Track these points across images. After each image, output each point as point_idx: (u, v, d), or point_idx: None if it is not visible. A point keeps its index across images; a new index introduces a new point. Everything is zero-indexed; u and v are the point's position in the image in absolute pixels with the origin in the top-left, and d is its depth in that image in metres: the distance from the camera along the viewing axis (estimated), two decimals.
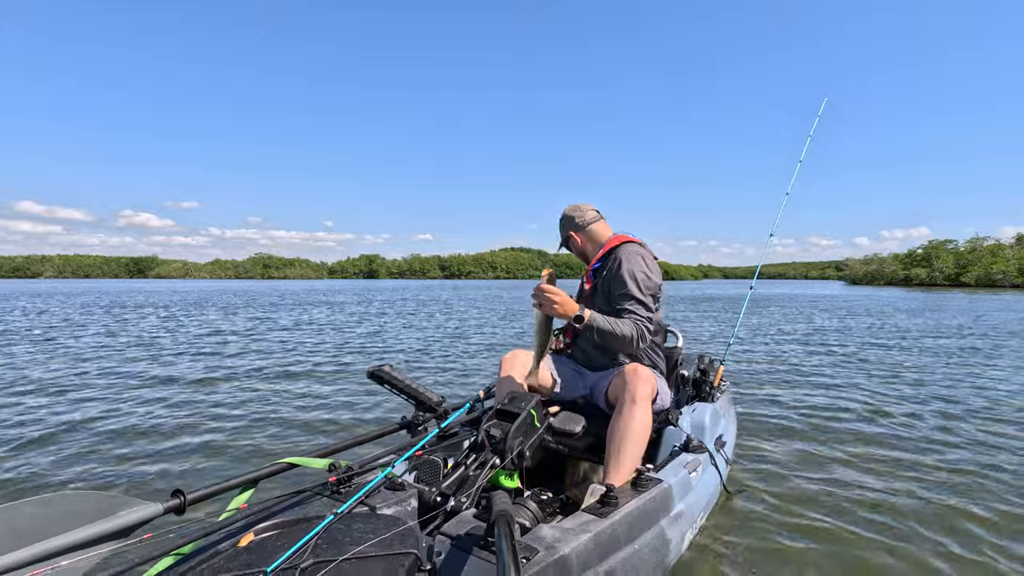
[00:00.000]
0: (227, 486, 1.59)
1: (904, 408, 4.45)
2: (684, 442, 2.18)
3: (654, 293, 2.16)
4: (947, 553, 2.15)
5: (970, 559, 2.11)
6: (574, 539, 1.43)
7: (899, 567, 2.04)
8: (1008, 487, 2.80)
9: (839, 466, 3.05)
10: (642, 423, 1.91)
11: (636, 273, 2.10)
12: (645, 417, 1.93)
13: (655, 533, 1.70)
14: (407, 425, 2.29)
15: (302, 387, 5.21)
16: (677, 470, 1.97)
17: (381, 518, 1.53)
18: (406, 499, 1.71)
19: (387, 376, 2.26)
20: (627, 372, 2.01)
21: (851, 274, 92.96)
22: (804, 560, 2.08)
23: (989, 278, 63.82)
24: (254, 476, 1.67)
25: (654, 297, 2.16)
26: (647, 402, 1.96)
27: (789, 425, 3.94)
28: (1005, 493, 2.73)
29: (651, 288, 2.13)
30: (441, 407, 2.35)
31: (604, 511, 1.60)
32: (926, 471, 3.02)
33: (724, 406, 2.77)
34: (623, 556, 1.55)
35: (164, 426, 3.65)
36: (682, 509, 1.88)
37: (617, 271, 2.13)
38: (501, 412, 1.84)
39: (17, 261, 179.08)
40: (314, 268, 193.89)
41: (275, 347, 8.33)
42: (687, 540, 1.94)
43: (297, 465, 1.77)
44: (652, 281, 2.14)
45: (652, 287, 2.14)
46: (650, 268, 2.17)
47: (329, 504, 1.62)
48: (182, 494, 1.47)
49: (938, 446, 3.48)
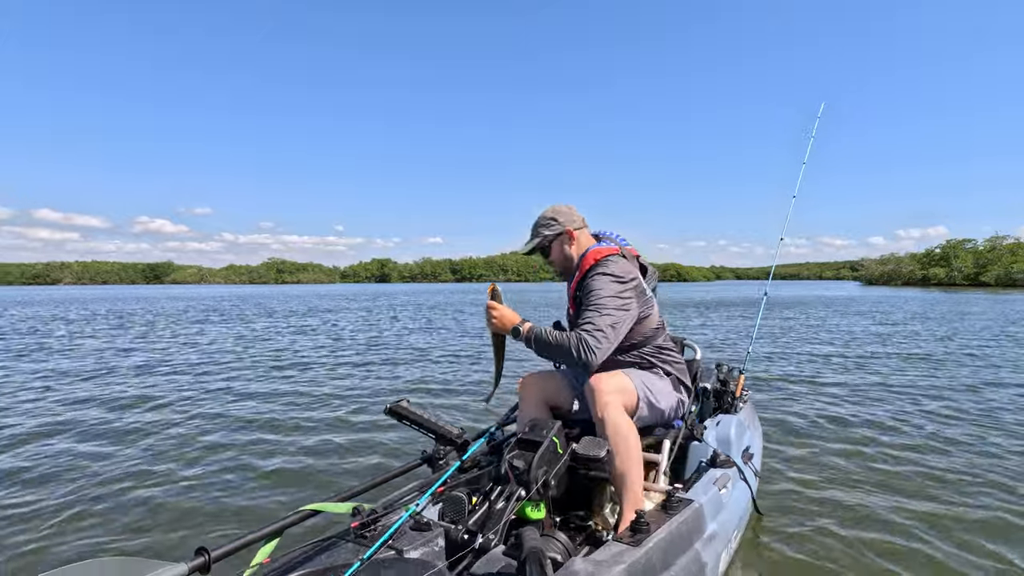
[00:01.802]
0: (251, 539, 1.57)
1: (939, 418, 4.32)
2: (711, 457, 2.13)
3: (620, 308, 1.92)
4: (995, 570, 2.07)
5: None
6: (608, 572, 1.39)
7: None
8: None
9: (869, 477, 2.97)
10: (620, 433, 1.83)
11: (604, 289, 1.91)
12: (621, 426, 1.84)
13: (690, 557, 1.65)
14: (428, 460, 2.26)
15: (328, 423, 5.16)
16: (707, 488, 1.92)
17: (409, 562, 1.50)
18: (432, 539, 1.68)
19: (405, 412, 2.23)
20: (587, 389, 1.93)
21: (867, 274, 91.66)
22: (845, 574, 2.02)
23: (1010, 277, 62.51)
24: (277, 527, 1.64)
25: (624, 308, 1.93)
26: (616, 408, 1.87)
27: (815, 433, 3.87)
28: None
29: (614, 303, 1.90)
30: (461, 439, 2.31)
31: (637, 539, 1.56)
32: (964, 482, 2.92)
33: (748, 417, 2.70)
34: None
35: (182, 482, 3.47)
36: (715, 529, 1.83)
37: (590, 289, 1.95)
38: (523, 442, 1.80)
39: (37, 268, 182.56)
40: (327, 272, 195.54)
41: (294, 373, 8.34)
42: (723, 562, 1.87)
43: (320, 511, 1.75)
44: (611, 293, 1.92)
45: (614, 301, 1.91)
46: (614, 286, 1.94)
47: (354, 550, 1.60)
48: (206, 552, 1.45)
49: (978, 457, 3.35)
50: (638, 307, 2.01)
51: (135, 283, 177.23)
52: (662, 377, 2.15)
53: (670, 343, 2.26)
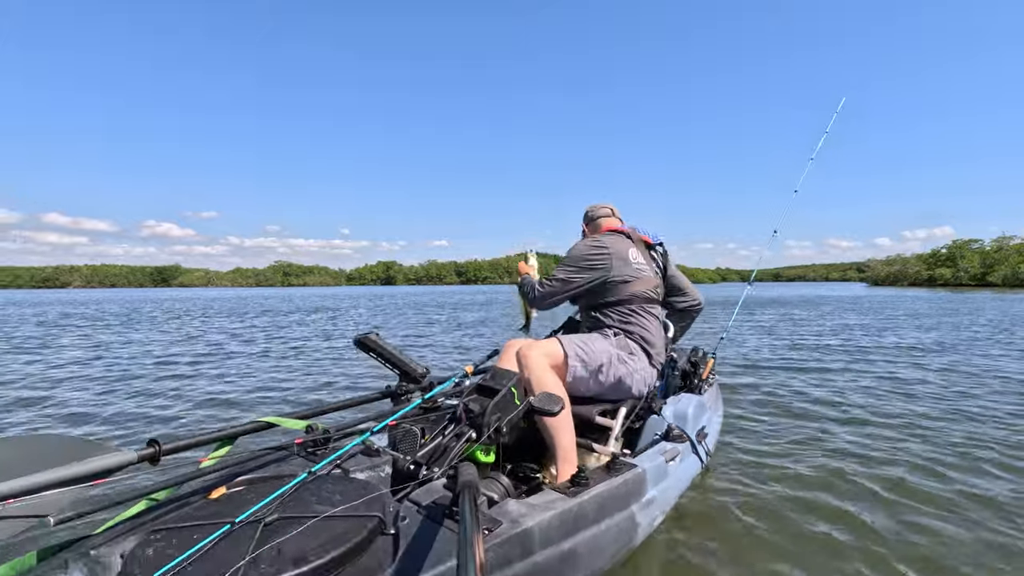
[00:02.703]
0: (203, 439, 1.60)
1: (908, 400, 4.34)
2: (665, 431, 2.17)
3: (578, 264, 2.29)
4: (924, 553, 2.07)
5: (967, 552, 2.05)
6: (539, 514, 1.44)
7: (863, 564, 1.97)
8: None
9: (822, 463, 2.92)
10: (544, 388, 1.90)
11: (575, 250, 2.34)
12: (546, 383, 1.93)
13: (624, 516, 1.70)
14: (390, 394, 2.29)
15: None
16: (654, 457, 1.96)
17: (352, 481, 1.53)
18: (380, 465, 1.72)
19: (372, 344, 2.26)
20: (518, 355, 2.04)
21: (873, 275, 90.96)
22: (773, 552, 2.02)
23: (1017, 277, 61.82)
24: (231, 432, 1.68)
25: (581, 268, 2.28)
26: (541, 368, 1.96)
27: (775, 417, 3.88)
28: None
29: (574, 261, 2.30)
30: (426, 379, 2.34)
31: (574, 491, 1.61)
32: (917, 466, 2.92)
33: (711, 399, 2.74)
34: (588, 535, 1.56)
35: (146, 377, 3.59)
36: (655, 495, 1.87)
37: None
38: (481, 388, 1.84)
39: (47, 271, 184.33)
40: (333, 275, 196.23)
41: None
42: (656, 525, 1.93)
43: (275, 424, 1.78)
44: (577, 255, 2.31)
45: (575, 260, 2.30)
46: (582, 247, 2.33)
47: (303, 464, 1.63)
48: (157, 444, 1.48)
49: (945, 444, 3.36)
50: (610, 271, 2.26)
51: (143, 286, 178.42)
52: (608, 337, 2.22)
53: (648, 316, 2.33)
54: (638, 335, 2.27)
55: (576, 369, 2.09)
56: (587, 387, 2.14)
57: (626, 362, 2.20)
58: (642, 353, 2.27)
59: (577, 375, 2.09)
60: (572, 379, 2.08)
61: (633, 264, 2.30)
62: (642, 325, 2.30)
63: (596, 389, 2.17)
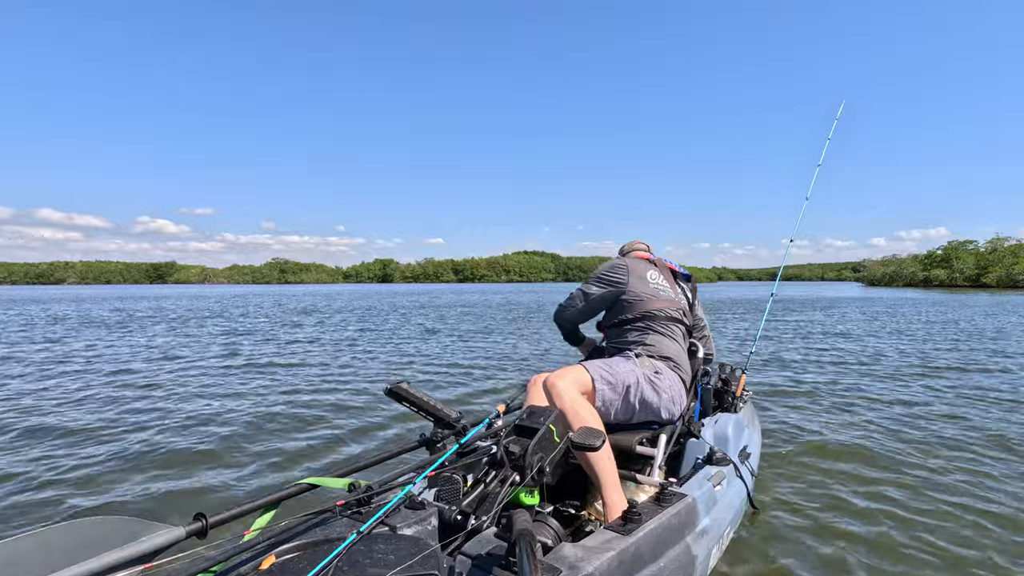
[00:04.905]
0: (248, 508, 1.58)
1: (943, 417, 4.31)
2: (707, 454, 2.13)
3: (596, 280, 2.44)
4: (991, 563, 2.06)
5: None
6: (597, 558, 1.40)
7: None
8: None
9: (871, 477, 2.94)
10: (579, 416, 1.88)
11: (597, 269, 2.49)
12: (580, 412, 1.89)
13: (680, 549, 1.66)
14: (426, 442, 2.27)
15: (328, 405, 5.21)
16: (701, 483, 1.93)
17: (402, 539, 1.51)
18: (426, 518, 1.69)
19: (404, 393, 2.24)
20: (547, 385, 2.01)
21: (869, 276, 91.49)
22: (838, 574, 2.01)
23: (1011, 278, 62.23)
24: (275, 498, 1.66)
25: (600, 282, 2.42)
26: (572, 397, 1.93)
27: (815, 433, 3.83)
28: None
29: (593, 277, 2.46)
30: (460, 423, 2.33)
31: (627, 528, 1.57)
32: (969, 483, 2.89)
33: (747, 416, 2.71)
34: (648, 574, 1.52)
35: (186, 451, 3.65)
36: (708, 524, 1.84)
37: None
38: (520, 428, 1.81)
39: (40, 268, 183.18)
40: (329, 272, 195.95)
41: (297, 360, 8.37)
42: (714, 556, 1.89)
43: (317, 486, 1.77)
44: (597, 272, 2.47)
45: (594, 277, 2.46)
46: (602, 266, 2.49)
47: (349, 525, 1.61)
48: (204, 517, 1.46)
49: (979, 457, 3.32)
50: (626, 287, 2.35)
51: (139, 283, 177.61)
52: (630, 359, 2.19)
53: (671, 334, 2.31)
54: (661, 353, 2.25)
55: (604, 392, 2.06)
56: (617, 410, 2.11)
57: (653, 381, 2.16)
58: (668, 372, 2.23)
59: (606, 398, 2.06)
60: (601, 403, 2.05)
61: (651, 283, 2.35)
62: (664, 343, 2.28)
63: (627, 412, 2.13)
